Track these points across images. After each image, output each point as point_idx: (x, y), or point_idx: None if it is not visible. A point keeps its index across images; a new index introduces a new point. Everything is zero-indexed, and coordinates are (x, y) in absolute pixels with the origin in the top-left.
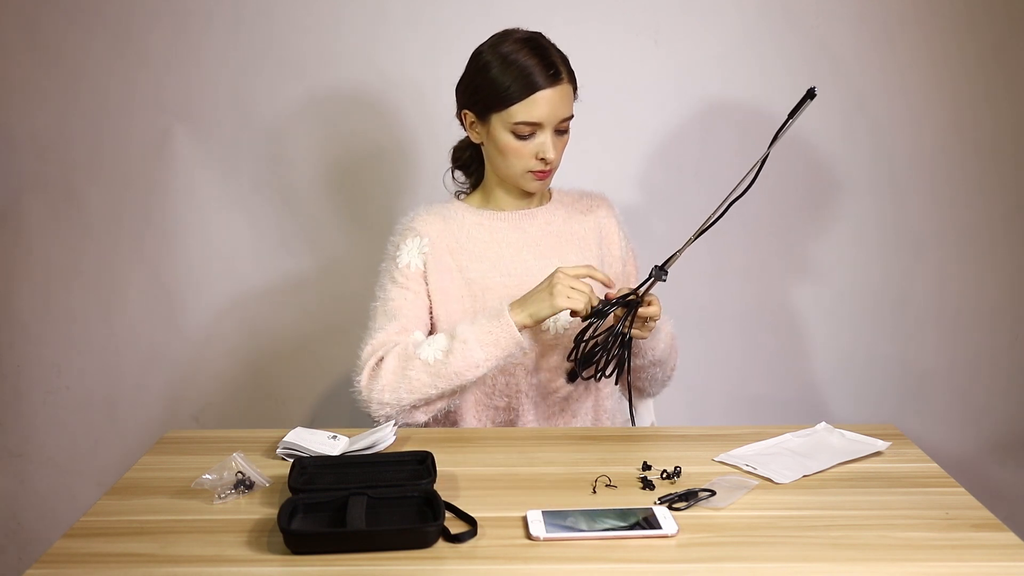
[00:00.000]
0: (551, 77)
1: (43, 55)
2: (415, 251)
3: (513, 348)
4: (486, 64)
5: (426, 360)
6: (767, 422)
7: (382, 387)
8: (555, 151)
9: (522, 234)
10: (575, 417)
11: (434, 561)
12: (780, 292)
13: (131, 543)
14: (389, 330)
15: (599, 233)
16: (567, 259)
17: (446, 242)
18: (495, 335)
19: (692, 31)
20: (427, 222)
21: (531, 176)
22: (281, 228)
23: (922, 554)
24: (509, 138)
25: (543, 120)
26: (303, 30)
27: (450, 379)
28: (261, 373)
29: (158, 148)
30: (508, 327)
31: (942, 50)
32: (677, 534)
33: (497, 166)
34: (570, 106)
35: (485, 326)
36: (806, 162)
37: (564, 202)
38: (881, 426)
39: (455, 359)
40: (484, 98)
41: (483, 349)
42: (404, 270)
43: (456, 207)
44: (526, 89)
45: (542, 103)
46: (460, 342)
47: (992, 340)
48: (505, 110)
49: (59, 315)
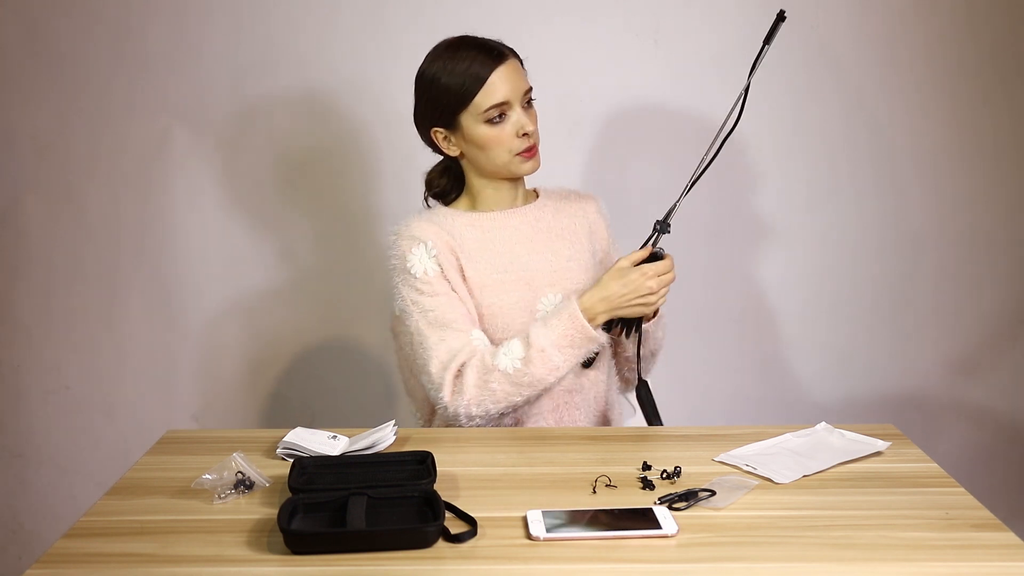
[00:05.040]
0: (496, 58)
1: (43, 55)
2: (426, 257)
3: (588, 346)
4: (433, 77)
5: (505, 370)
6: (767, 422)
7: (468, 401)
8: (531, 123)
9: (513, 231)
10: (579, 410)
11: (434, 561)
12: (780, 292)
13: (131, 543)
14: (449, 340)
15: (588, 228)
16: (559, 253)
17: (446, 242)
18: (571, 336)
19: (692, 31)
20: (423, 227)
21: (520, 158)
22: (281, 228)
23: (922, 554)
24: (485, 129)
25: (508, 97)
26: (304, 29)
27: (532, 386)
28: (261, 373)
29: (158, 148)
30: (583, 328)
31: (942, 50)
32: (677, 534)
33: (483, 165)
34: (525, 78)
35: (558, 328)
36: (806, 162)
37: (552, 198)
38: (881, 426)
39: (535, 367)
40: (445, 106)
41: (561, 352)
42: (424, 278)
43: (444, 212)
44: (479, 77)
45: (499, 82)
46: (537, 350)
47: (992, 340)
48: (470, 104)
49: (59, 315)
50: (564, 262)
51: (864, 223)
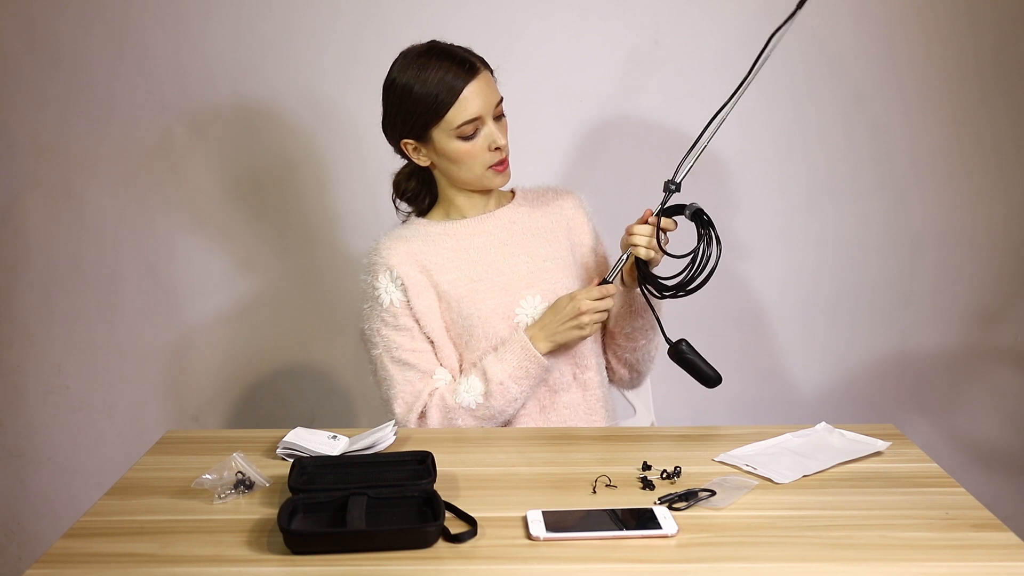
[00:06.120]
0: (468, 72)
1: (43, 55)
2: (391, 286)
3: (543, 374)
4: (404, 88)
5: (468, 407)
6: (767, 422)
7: None
8: (503, 137)
9: (488, 236)
10: (567, 409)
11: (434, 561)
12: (780, 292)
13: (131, 543)
14: (413, 380)
15: (566, 225)
16: (535, 254)
17: (415, 262)
18: (525, 368)
19: (692, 31)
20: (391, 249)
21: (492, 172)
22: (281, 227)
23: (922, 554)
24: (457, 144)
25: (480, 113)
26: (305, 30)
27: (494, 419)
28: (261, 373)
29: (158, 148)
30: (536, 358)
31: (942, 50)
32: (677, 534)
33: (455, 177)
34: (497, 91)
35: (513, 361)
36: (806, 162)
37: (527, 198)
38: (881, 426)
39: (495, 400)
40: (417, 119)
41: (517, 384)
42: (391, 309)
43: (417, 225)
44: (452, 92)
45: (472, 98)
46: (496, 384)
47: (992, 340)
48: (443, 120)
49: (59, 315)
50: (541, 263)
51: (864, 223)
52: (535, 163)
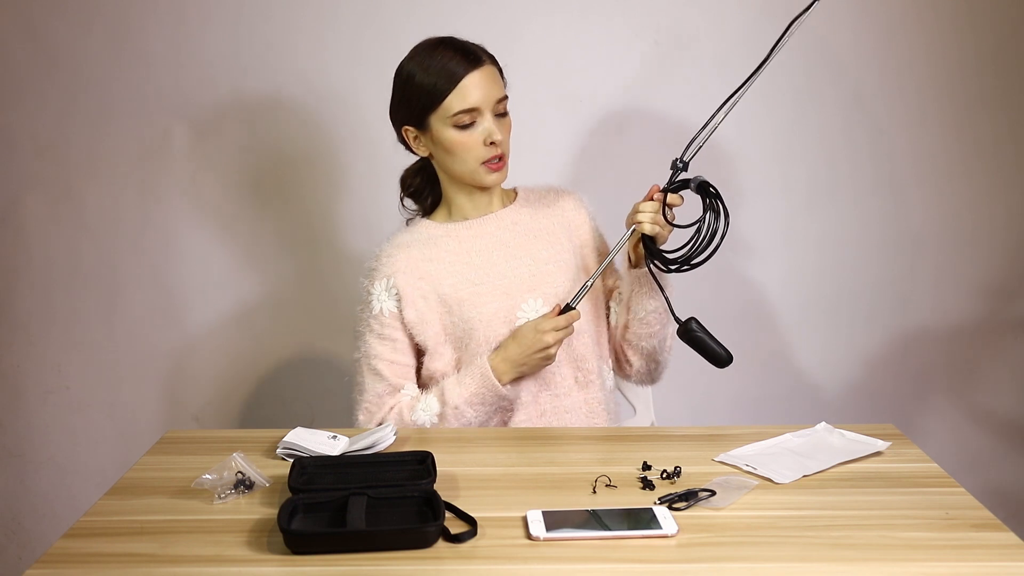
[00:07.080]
0: (471, 62)
1: (43, 55)
2: (384, 294)
3: (500, 403)
4: (409, 74)
5: (423, 425)
6: (767, 422)
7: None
8: (501, 133)
9: (490, 238)
10: (568, 413)
11: (434, 561)
12: (780, 292)
13: (131, 543)
14: (380, 392)
15: (567, 226)
16: (537, 256)
17: (415, 268)
18: (482, 395)
19: (692, 31)
20: (391, 257)
21: (485, 168)
22: (281, 227)
23: (922, 554)
24: (453, 133)
25: (479, 104)
26: (305, 31)
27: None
28: (261, 373)
29: (158, 148)
30: (494, 387)
31: (942, 50)
32: (677, 534)
33: (450, 169)
34: (501, 87)
35: (472, 387)
36: (806, 162)
37: (529, 199)
38: (881, 426)
39: (449, 423)
40: (417, 105)
41: (473, 408)
42: (379, 317)
43: (421, 226)
44: (452, 79)
45: (471, 87)
46: (451, 408)
47: (992, 340)
48: (440, 107)
49: (59, 315)
50: (543, 265)
51: (864, 223)
52: (535, 163)
